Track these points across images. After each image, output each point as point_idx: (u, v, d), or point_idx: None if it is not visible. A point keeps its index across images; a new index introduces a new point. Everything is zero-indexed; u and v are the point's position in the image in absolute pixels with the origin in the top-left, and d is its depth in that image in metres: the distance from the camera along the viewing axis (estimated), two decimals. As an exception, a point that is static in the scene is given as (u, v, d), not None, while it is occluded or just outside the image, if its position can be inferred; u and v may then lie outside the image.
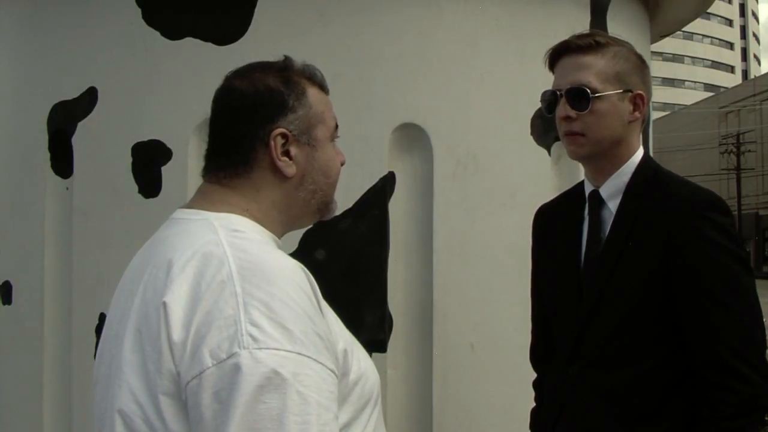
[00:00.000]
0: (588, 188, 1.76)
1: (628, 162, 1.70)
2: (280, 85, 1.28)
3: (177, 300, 1.10)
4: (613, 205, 1.69)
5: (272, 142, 1.25)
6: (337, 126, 1.36)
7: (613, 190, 1.70)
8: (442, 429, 2.50)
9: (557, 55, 1.72)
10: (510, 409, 2.17)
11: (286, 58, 1.33)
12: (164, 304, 1.10)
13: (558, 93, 1.68)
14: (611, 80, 1.65)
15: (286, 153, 1.27)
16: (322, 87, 1.35)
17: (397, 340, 2.51)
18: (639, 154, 1.72)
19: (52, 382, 2.67)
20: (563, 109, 1.67)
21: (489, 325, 2.56)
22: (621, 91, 1.66)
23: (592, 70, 1.65)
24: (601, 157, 1.69)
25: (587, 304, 1.67)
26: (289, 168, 1.27)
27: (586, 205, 1.75)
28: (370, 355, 2.47)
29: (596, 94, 1.64)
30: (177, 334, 1.07)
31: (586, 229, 1.73)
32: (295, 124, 1.27)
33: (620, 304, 1.63)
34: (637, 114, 1.69)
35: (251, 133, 1.26)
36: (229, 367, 1.03)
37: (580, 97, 1.65)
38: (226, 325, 1.05)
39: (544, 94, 1.73)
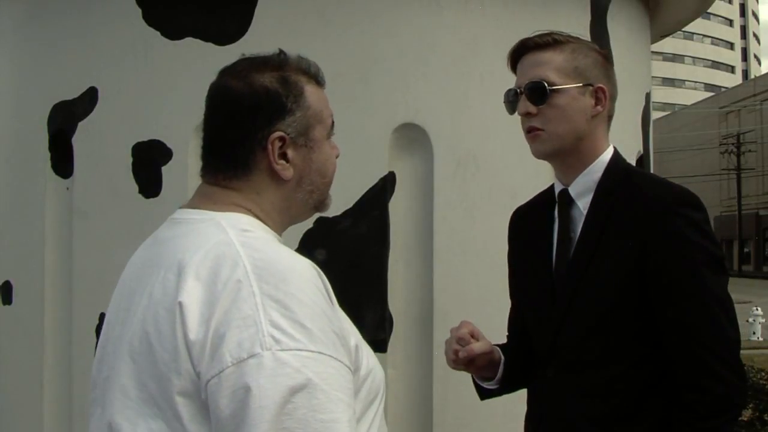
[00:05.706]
0: (558, 188, 1.74)
1: (598, 160, 1.68)
2: (278, 86, 1.25)
3: (193, 300, 1.09)
4: (582, 204, 1.67)
5: (270, 146, 1.23)
6: (333, 123, 1.34)
7: (582, 188, 1.68)
8: (442, 429, 2.50)
9: (518, 55, 1.71)
10: (510, 409, 2.16)
11: (281, 53, 1.29)
12: (180, 304, 1.09)
13: (518, 90, 1.68)
14: (570, 74, 1.64)
15: (283, 156, 1.25)
16: (318, 81, 1.31)
17: (397, 340, 2.51)
18: (609, 152, 1.70)
19: (52, 382, 2.67)
20: (523, 105, 1.67)
21: (489, 325, 2.55)
22: (581, 84, 1.65)
23: (551, 66, 1.65)
24: (566, 154, 1.68)
25: (560, 305, 1.65)
26: (286, 171, 1.25)
27: (556, 205, 1.73)
28: (370, 355, 2.50)
29: (554, 87, 1.63)
30: (194, 334, 1.07)
31: (557, 229, 1.71)
32: (293, 127, 1.25)
33: (594, 305, 1.61)
34: (599, 108, 1.67)
35: (249, 136, 1.23)
36: (251, 366, 1.03)
37: (538, 91, 1.64)
38: (245, 324, 1.05)
39: (507, 93, 1.72)
